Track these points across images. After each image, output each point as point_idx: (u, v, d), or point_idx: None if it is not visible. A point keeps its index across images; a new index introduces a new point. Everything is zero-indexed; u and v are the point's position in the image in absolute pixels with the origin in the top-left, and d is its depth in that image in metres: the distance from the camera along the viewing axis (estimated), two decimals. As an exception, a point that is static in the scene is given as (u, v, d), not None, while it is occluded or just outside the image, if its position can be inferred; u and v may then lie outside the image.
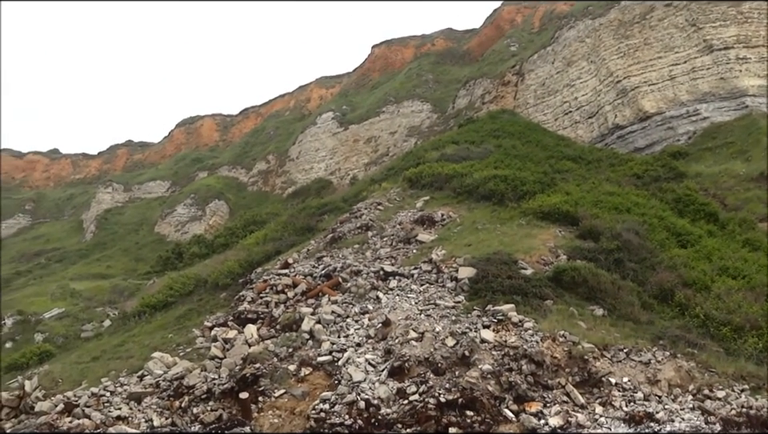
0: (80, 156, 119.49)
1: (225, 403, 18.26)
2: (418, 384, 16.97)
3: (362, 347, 19.38)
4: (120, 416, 18.51)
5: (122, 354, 24.31)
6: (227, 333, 22.19)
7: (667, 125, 48.77)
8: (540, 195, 29.84)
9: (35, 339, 36.03)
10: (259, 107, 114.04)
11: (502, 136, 44.01)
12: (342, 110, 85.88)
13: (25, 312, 41.29)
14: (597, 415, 15.75)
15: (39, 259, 71.66)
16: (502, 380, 16.84)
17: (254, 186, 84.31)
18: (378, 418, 16.24)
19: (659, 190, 32.42)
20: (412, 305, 21.13)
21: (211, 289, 30.49)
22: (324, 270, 25.24)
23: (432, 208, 30.70)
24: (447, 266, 23.22)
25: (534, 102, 61.57)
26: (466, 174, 33.47)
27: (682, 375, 17.11)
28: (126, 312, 33.43)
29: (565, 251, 24.27)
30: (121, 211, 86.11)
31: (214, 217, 73.85)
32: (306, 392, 17.81)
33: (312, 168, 79.84)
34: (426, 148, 45.63)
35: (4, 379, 25.82)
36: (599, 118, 53.88)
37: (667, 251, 24.90)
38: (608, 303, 20.91)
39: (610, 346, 18.03)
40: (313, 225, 36.19)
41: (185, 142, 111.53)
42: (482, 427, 15.60)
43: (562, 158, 39.22)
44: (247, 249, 35.27)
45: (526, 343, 17.88)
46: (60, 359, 27.61)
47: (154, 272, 52.14)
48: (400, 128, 75.72)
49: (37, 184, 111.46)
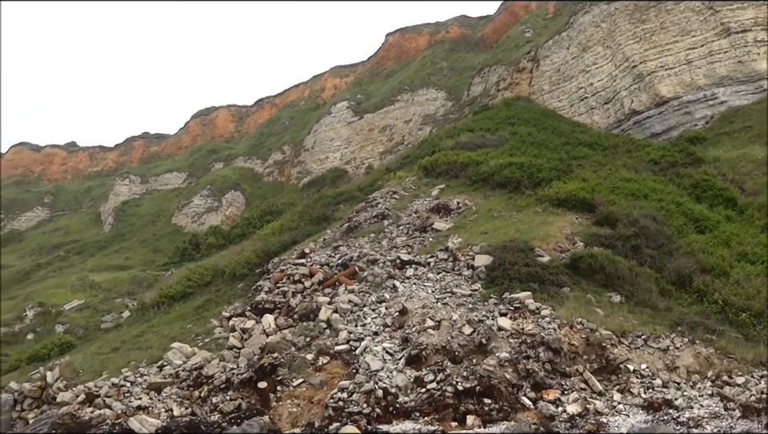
0: (97, 149, 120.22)
1: (243, 392, 18.40)
2: (436, 373, 17.01)
3: (379, 335, 19.43)
4: (140, 406, 18.72)
5: (142, 344, 24.53)
6: (245, 323, 22.33)
7: (684, 110, 48.29)
8: (556, 182, 29.69)
9: (56, 331, 36.44)
10: (274, 97, 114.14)
11: (518, 123, 43.79)
12: (357, 99, 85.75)
13: (45, 304, 41.74)
14: (615, 402, 15.72)
15: (59, 251, 72.27)
16: (519, 368, 16.84)
17: (269, 176, 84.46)
18: (396, 406, 16.31)
19: (676, 175, 32.13)
20: (429, 293, 21.15)
21: (228, 279, 30.65)
22: (340, 259, 25.29)
23: (447, 196, 30.65)
24: (463, 254, 23.20)
25: (550, 88, 61.16)
26: (482, 161, 33.37)
27: (700, 362, 17.04)
28: (144, 303, 33.70)
29: (582, 238, 24.18)
30: (138, 203, 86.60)
31: (230, 208, 74.09)
32: (324, 381, 17.90)
33: (327, 158, 79.83)
34: (441, 136, 45.47)
35: (26, 370, 26.16)
36: (615, 104, 53.44)
37: (685, 237, 24.72)
38: (625, 290, 20.83)
39: (627, 333, 17.97)
40: (329, 214, 36.25)
41: (200, 133, 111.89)
42: (500, 414, 15.63)
43: (578, 144, 38.97)
44: (264, 239, 35.40)
45: (544, 331, 17.86)
46: (81, 350, 27.91)
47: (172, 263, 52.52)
48: (415, 116, 75.50)
49: (55, 177, 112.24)
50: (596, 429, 14.08)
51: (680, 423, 13.98)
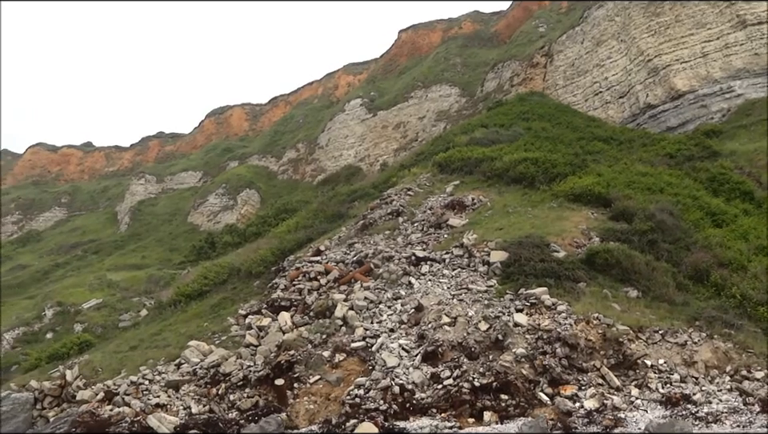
0: (113, 149, 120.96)
1: (261, 389, 18.49)
2: (452, 369, 17.01)
3: (395, 332, 19.46)
4: (159, 404, 18.85)
5: (159, 343, 24.69)
6: (261, 321, 22.43)
7: (700, 103, 47.94)
8: (571, 177, 29.59)
9: (75, 330, 36.76)
10: (288, 96, 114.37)
11: (532, 118, 43.65)
12: (370, 96, 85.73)
13: (64, 303, 42.10)
14: (633, 398, 15.66)
15: (76, 250, 72.81)
16: (536, 364, 16.81)
17: (284, 174, 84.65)
18: (413, 403, 16.33)
19: (693, 169, 31.93)
20: (444, 290, 21.14)
21: (244, 277, 30.77)
22: (356, 256, 25.34)
23: (462, 192, 30.61)
24: (479, 250, 23.17)
25: (564, 83, 60.92)
26: (496, 157, 33.30)
27: (719, 357, 16.94)
28: (161, 301, 33.92)
29: (597, 233, 24.09)
30: (154, 202, 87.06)
31: (245, 206, 74.32)
32: (341, 378, 17.95)
33: (341, 155, 79.90)
34: (455, 132, 45.40)
35: (46, 369, 26.41)
36: (630, 98, 53.14)
37: (702, 231, 24.57)
38: (642, 285, 20.73)
39: (645, 328, 17.89)
40: (343, 212, 36.31)
41: (215, 132, 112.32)
42: (517, 410, 15.62)
43: (592, 139, 38.81)
44: (279, 237, 35.51)
45: (560, 326, 17.82)
46: (99, 348, 28.13)
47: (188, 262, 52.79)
48: (428, 113, 75.40)
49: (72, 177, 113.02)
50: (614, 424, 14.04)
51: (698, 419, 13.91)
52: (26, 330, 39.29)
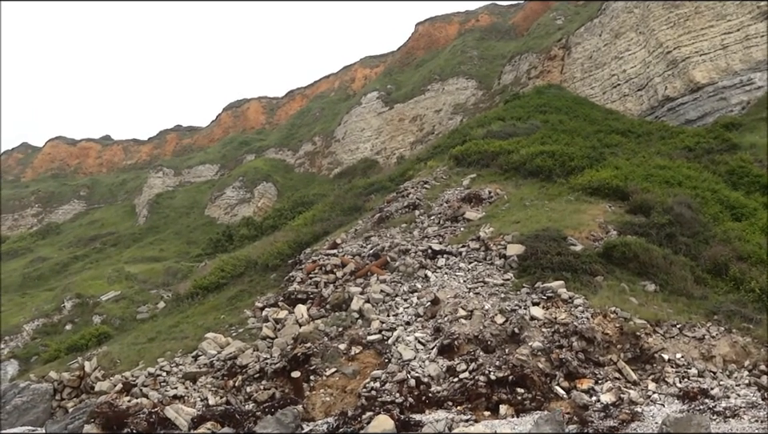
0: (131, 142, 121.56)
1: (277, 382, 18.59)
2: (468, 362, 17.02)
3: (412, 325, 19.49)
4: (176, 395, 19.02)
5: (177, 335, 24.87)
6: (278, 313, 22.53)
7: (720, 95, 47.42)
8: (589, 170, 29.45)
9: (93, 321, 37.07)
10: (304, 89, 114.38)
11: (549, 111, 43.40)
12: (387, 89, 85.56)
13: (83, 295, 42.45)
14: (650, 392, 15.60)
15: (95, 243, 73.33)
16: (552, 357, 16.78)
17: (300, 167, 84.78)
18: (429, 395, 16.35)
19: (712, 162, 31.64)
20: (460, 283, 21.14)
21: (261, 270, 30.90)
22: (372, 249, 25.37)
23: (479, 186, 30.55)
24: (495, 243, 23.14)
25: (581, 75, 60.49)
26: (513, 150, 33.17)
27: (737, 351, 16.83)
28: (179, 294, 34.11)
29: (615, 227, 23.98)
30: (172, 195, 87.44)
31: (262, 199, 74.55)
32: (357, 371, 18.00)
33: (358, 148, 79.88)
34: (472, 125, 45.23)
35: (65, 360, 26.70)
36: (649, 91, 52.68)
37: (721, 225, 24.38)
38: (660, 279, 20.63)
39: (662, 322, 17.81)
40: (360, 205, 36.33)
41: (232, 125, 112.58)
42: (533, 404, 15.61)
43: (610, 132, 38.53)
44: (296, 230, 35.60)
45: (577, 320, 17.77)
46: (117, 340, 28.39)
47: (206, 254, 53.04)
48: (445, 106, 75.17)
49: (90, 170, 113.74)
50: (630, 419, 13.98)
51: (716, 413, 13.83)
52: (45, 321, 39.69)
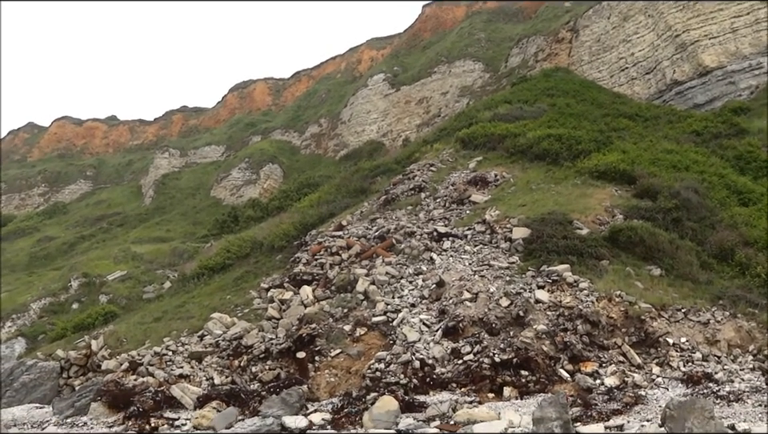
0: (137, 122, 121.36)
1: (282, 362, 18.69)
2: (473, 344, 17.07)
3: (417, 307, 19.54)
4: (182, 375, 19.12)
5: (183, 315, 24.96)
6: (283, 294, 22.60)
7: (728, 79, 47.08)
8: (596, 154, 29.35)
9: (100, 301, 37.20)
10: (311, 70, 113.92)
11: (556, 95, 43.22)
12: (394, 71, 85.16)
13: (90, 275, 42.57)
14: (654, 376, 15.65)
15: (101, 223, 73.43)
16: (556, 340, 16.83)
17: (306, 149, 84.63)
18: (433, 377, 16.43)
19: (719, 147, 31.49)
20: (466, 266, 21.16)
21: (267, 251, 30.95)
22: (378, 231, 25.39)
23: (485, 169, 30.49)
24: (501, 226, 23.13)
25: (589, 59, 60.09)
26: (520, 133, 33.06)
27: (742, 336, 16.84)
28: (185, 274, 34.21)
29: (621, 211, 23.93)
30: (178, 176, 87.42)
31: (268, 180, 74.50)
32: (362, 352, 18.08)
33: (364, 130, 79.65)
34: (479, 108, 45.07)
35: (72, 339, 26.86)
36: (657, 74, 52.34)
37: (728, 210, 24.31)
38: (666, 263, 20.62)
39: (667, 306, 17.82)
40: (366, 187, 36.29)
41: (238, 106, 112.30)
42: (537, 386, 15.67)
43: (618, 115, 38.37)
44: (301, 212, 35.60)
45: (582, 304, 17.80)
46: (124, 319, 28.51)
47: (212, 235, 53.10)
48: (452, 88, 74.84)
49: (97, 151, 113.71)
50: (634, 402, 14.03)
51: (720, 397, 13.85)
52: (52, 300, 39.87)
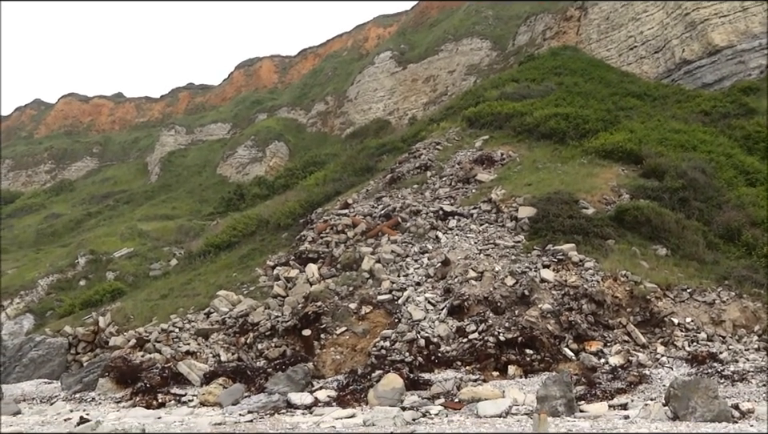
0: (143, 100, 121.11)
1: (288, 339, 18.80)
2: (478, 323, 17.13)
3: (422, 286, 19.59)
4: (189, 351, 19.29)
5: (189, 292, 25.08)
6: (289, 272, 22.67)
7: (738, 59, 46.64)
8: (603, 133, 29.20)
9: (107, 278, 37.33)
10: (317, 48, 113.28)
11: (564, 73, 42.94)
12: (401, 49, 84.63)
13: (97, 252, 42.69)
14: (658, 355, 15.70)
15: (108, 200, 73.56)
16: (561, 319, 16.87)
17: (312, 127, 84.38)
18: (438, 355, 16.51)
19: (728, 127, 31.29)
20: (471, 245, 21.17)
21: (273, 229, 30.98)
22: (383, 210, 25.39)
23: (491, 147, 30.39)
24: (507, 205, 23.10)
25: (598, 37, 59.59)
26: (527, 112, 32.88)
27: (747, 316, 16.86)
28: (191, 252, 34.30)
29: (628, 190, 23.86)
30: (184, 154, 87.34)
31: (274, 158, 74.41)
32: (367, 330, 18.17)
33: (370, 108, 79.35)
34: (486, 87, 44.85)
35: (80, 315, 27.04)
36: (666, 53, 51.90)
37: (735, 190, 24.21)
38: (672, 243, 20.59)
39: (673, 286, 17.83)
40: (372, 165, 36.21)
41: (244, 84, 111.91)
42: (542, 365, 15.74)
43: (626, 95, 38.12)
44: (307, 190, 35.58)
45: (587, 283, 17.81)
46: (131, 296, 28.66)
47: (218, 213, 53.14)
48: (459, 66, 74.42)
49: (103, 128, 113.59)
50: (638, 381, 14.09)
51: (724, 377, 13.90)
52: (59, 277, 40.01)
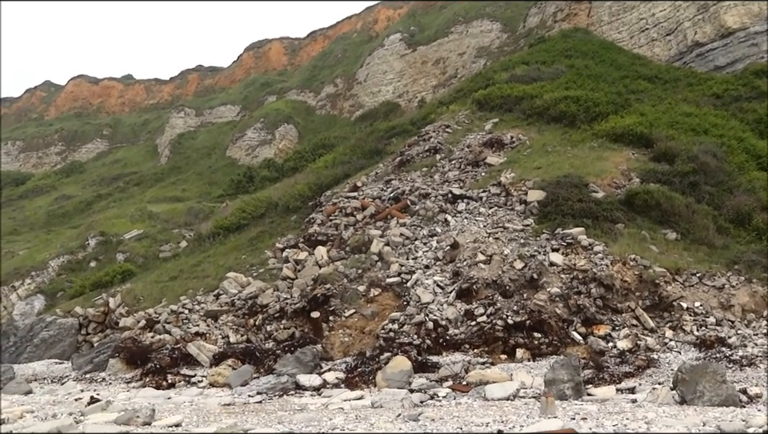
0: (153, 81, 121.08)
1: (297, 321, 18.89)
2: (486, 306, 17.16)
3: (431, 269, 19.61)
4: (198, 333, 19.41)
5: (199, 274, 25.18)
6: (298, 254, 22.73)
7: (751, 41, 46.17)
8: (613, 117, 29.03)
9: (117, 259, 37.49)
10: (326, 30, 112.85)
11: (575, 56, 42.68)
12: (410, 31, 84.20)
13: (107, 233, 42.87)
14: (667, 339, 15.70)
15: (118, 182, 73.79)
16: (570, 303, 16.87)
17: (322, 109, 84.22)
18: (446, 338, 16.56)
19: (740, 110, 31.05)
20: (480, 228, 21.16)
21: (282, 212, 31.02)
22: (392, 193, 25.39)
23: (501, 131, 30.28)
24: (516, 189, 23.06)
25: (609, 19, 59.11)
26: (537, 95, 32.72)
27: (756, 301, 16.82)
28: (201, 234, 34.38)
29: (638, 174, 23.76)
30: (193, 136, 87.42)
31: (283, 141, 74.37)
32: (376, 312, 18.23)
33: (380, 91, 79.10)
34: (496, 69, 44.61)
35: (90, 296, 27.22)
36: (677, 36, 51.46)
37: (746, 174, 24.06)
38: (681, 227, 20.53)
39: (682, 270, 17.79)
40: (381, 148, 36.15)
41: (253, 66, 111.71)
42: (550, 348, 15.77)
43: (636, 77, 37.88)
44: (316, 172, 35.57)
45: (596, 267, 17.79)
46: (141, 277, 28.80)
47: (227, 195, 53.21)
48: (469, 49, 74.02)
49: (113, 110, 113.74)
50: (646, 365, 14.10)
51: (732, 361, 13.89)
52: (70, 258, 40.22)
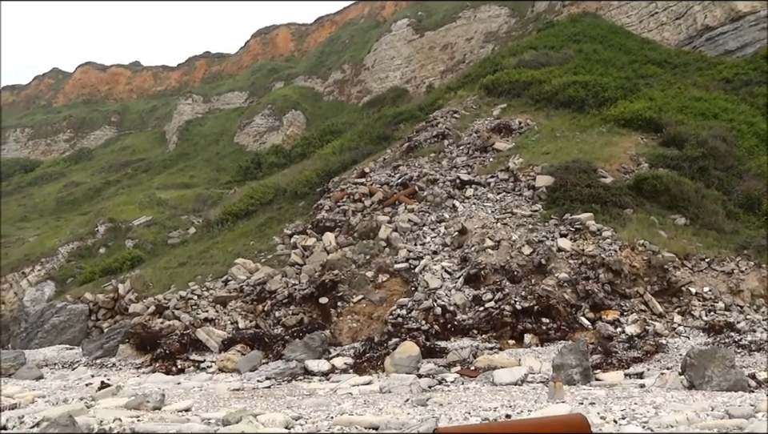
0: (160, 68, 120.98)
1: (305, 307, 18.96)
2: (494, 292, 17.16)
3: (439, 254, 19.62)
4: (207, 318, 19.51)
5: (207, 260, 25.25)
6: (306, 241, 22.77)
7: (761, 25, 45.72)
8: (622, 102, 28.87)
9: (126, 246, 37.62)
10: (333, 15, 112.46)
11: (583, 40, 42.39)
12: (418, 16, 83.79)
13: (116, 220, 43.00)
14: (675, 324, 15.67)
15: (126, 169, 73.94)
16: (578, 289, 16.86)
17: (329, 95, 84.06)
18: (454, 324, 16.59)
19: (750, 94, 30.84)
20: (488, 213, 21.14)
21: (290, 198, 31.04)
22: (400, 178, 25.36)
23: (509, 116, 30.17)
24: (524, 174, 23.00)
25: (618, 3, 58.63)
26: (545, 80, 32.55)
27: (765, 286, 16.77)
28: (209, 220, 34.43)
29: (647, 159, 23.66)
30: (201, 122, 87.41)
31: (291, 127, 74.28)
32: (384, 298, 18.27)
33: (387, 77, 78.83)
34: (504, 54, 44.36)
35: (99, 283, 27.36)
36: (687, 19, 51.03)
37: (756, 159, 23.91)
38: (691, 212, 20.45)
39: (691, 255, 17.74)
40: (389, 134, 36.07)
41: (261, 52, 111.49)
42: (558, 334, 15.79)
43: (646, 62, 37.61)
44: (324, 158, 35.53)
45: (604, 252, 17.76)
46: (150, 264, 28.91)
47: (235, 182, 53.26)
48: (477, 34, 73.64)
49: (121, 96, 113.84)
50: (654, 350, 14.09)
51: (741, 346, 13.88)
52: (79, 244, 40.37)
